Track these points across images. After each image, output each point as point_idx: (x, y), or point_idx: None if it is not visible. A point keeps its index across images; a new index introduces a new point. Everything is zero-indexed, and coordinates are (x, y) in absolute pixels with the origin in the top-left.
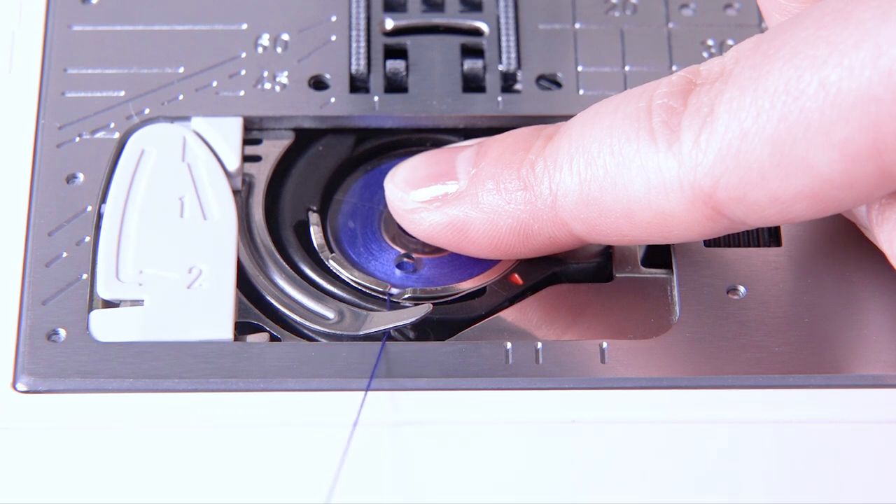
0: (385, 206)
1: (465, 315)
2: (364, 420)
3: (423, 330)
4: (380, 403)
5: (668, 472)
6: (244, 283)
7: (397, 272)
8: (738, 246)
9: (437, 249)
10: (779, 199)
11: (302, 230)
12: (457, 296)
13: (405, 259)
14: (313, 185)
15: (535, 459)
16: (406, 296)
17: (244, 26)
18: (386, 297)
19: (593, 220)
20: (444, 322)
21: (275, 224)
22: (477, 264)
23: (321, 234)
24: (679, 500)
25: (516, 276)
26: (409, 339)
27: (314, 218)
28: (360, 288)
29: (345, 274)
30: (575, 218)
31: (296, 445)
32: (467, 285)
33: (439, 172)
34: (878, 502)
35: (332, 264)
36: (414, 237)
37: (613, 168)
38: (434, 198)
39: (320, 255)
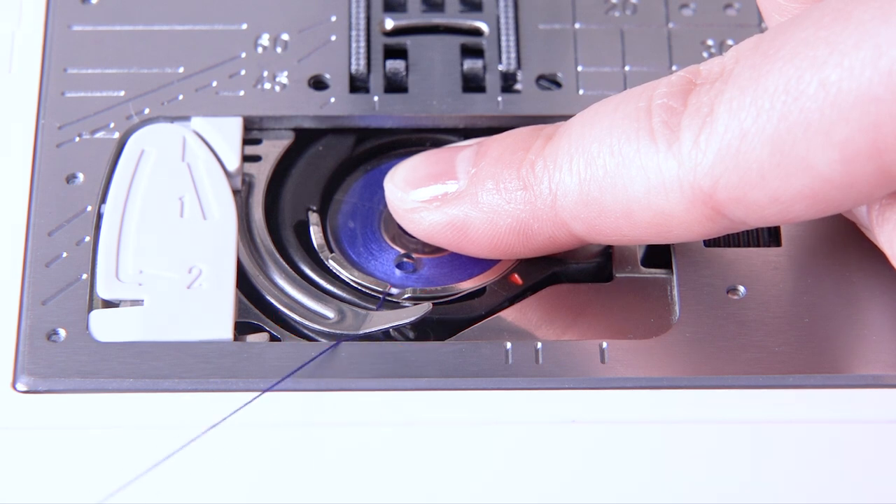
0: (385, 205)
1: (464, 315)
2: (364, 420)
3: (423, 330)
4: (380, 403)
5: (667, 472)
6: (244, 283)
7: (397, 272)
8: (738, 246)
9: (436, 249)
10: (778, 200)
11: (302, 230)
12: (456, 296)
13: (405, 259)
14: (313, 185)
15: (535, 459)
16: (405, 296)
17: (244, 26)
18: (381, 297)
19: (593, 220)
20: (444, 322)
21: (275, 224)
22: (476, 264)
23: (321, 234)
24: (679, 500)
25: (516, 276)
26: (408, 339)
27: (314, 218)
28: (359, 288)
29: (344, 274)
30: (575, 218)
31: (296, 445)
32: (467, 285)
33: (439, 172)
34: (878, 502)
35: (332, 264)
36: (414, 237)
37: (613, 168)
38: (434, 197)
39: (320, 254)
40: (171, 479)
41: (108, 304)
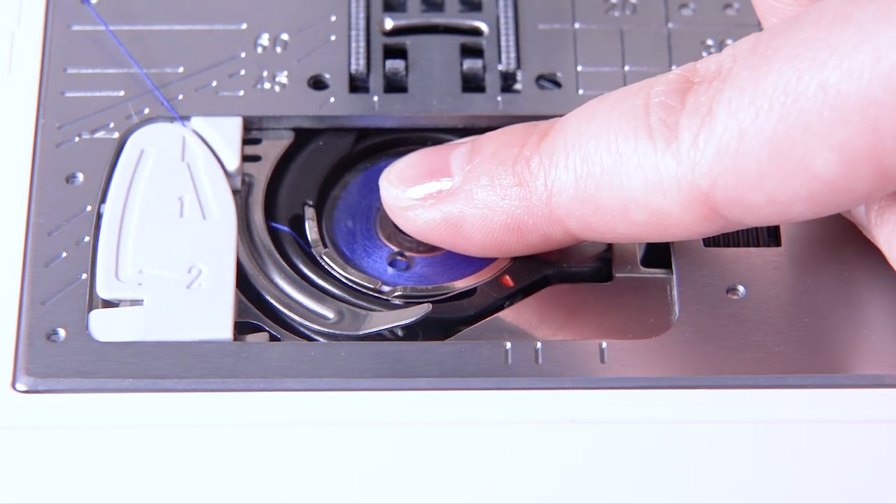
0: (381, 203)
1: (454, 315)
2: (364, 420)
3: (413, 330)
4: (380, 403)
5: (667, 472)
6: (244, 283)
7: (389, 270)
8: (738, 246)
9: (431, 248)
10: (776, 200)
11: (298, 225)
12: (447, 295)
13: (398, 257)
14: (311, 181)
15: (534, 459)
16: (396, 294)
17: (244, 26)
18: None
19: (588, 218)
20: (434, 322)
21: (272, 219)
22: (469, 265)
23: (316, 230)
24: (678, 499)
25: (507, 277)
26: (398, 338)
27: (310, 212)
28: (351, 284)
29: (337, 270)
30: (570, 215)
31: (296, 445)
32: (458, 285)
33: (434, 169)
34: (878, 502)
35: (325, 260)
36: (409, 235)
37: (610, 165)
38: (428, 195)
39: (313, 249)
40: (170, 479)
41: (108, 304)
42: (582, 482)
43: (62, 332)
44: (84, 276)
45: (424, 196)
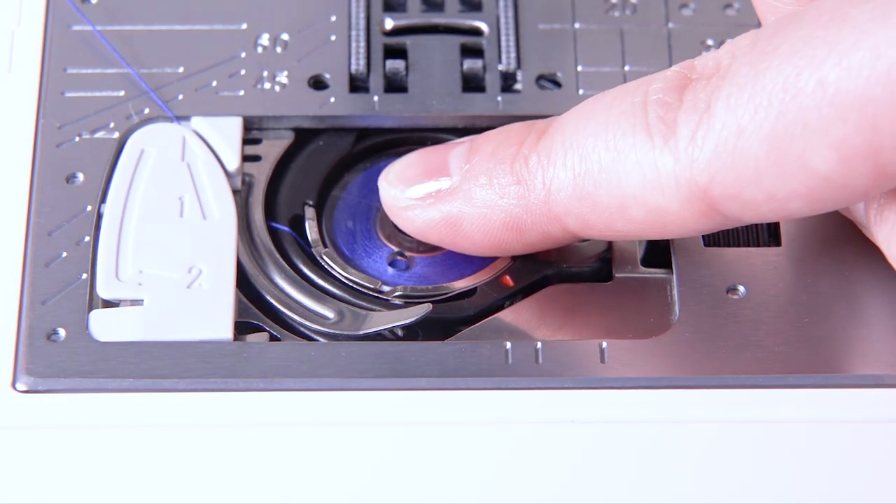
0: (381, 203)
1: (455, 315)
2: (364, 420)
3: (413, 329)
4: (380, 403)
5: (667, 472)
6: (244, 283)
7: (389, 270)
8: (738, 245)
9: (431, 248)
10: (774, 197)
11: (298, 225)
12: (447, 295)
13: (398, 257)
14: (311, 181)
15: (534, 459)
16: (396, 294)
17: (244, 26)
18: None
19: (587, 215)
20: (433, 321)
21: (272, 219)
22: (470, 265)
23: (316, 230)
24: (678, 500)
25: (507, 277)
26: (397, 338)
27: (310, 212)
28: (351, 284)
29: (337, 270)
30: (568, 213)
31: (296, 445)
32: (458, 285)
33: (432, 169)
34: (878, 502)
35: (325, 260)
36: (409, 236)
37: (608, 163)
38: (427, 194)
39: (313, 249)
40: (170, 479)
41: (108, 303)
42: (582, 482)
43: (62, 332)
44: (84, 276)
45: (423, 196)
